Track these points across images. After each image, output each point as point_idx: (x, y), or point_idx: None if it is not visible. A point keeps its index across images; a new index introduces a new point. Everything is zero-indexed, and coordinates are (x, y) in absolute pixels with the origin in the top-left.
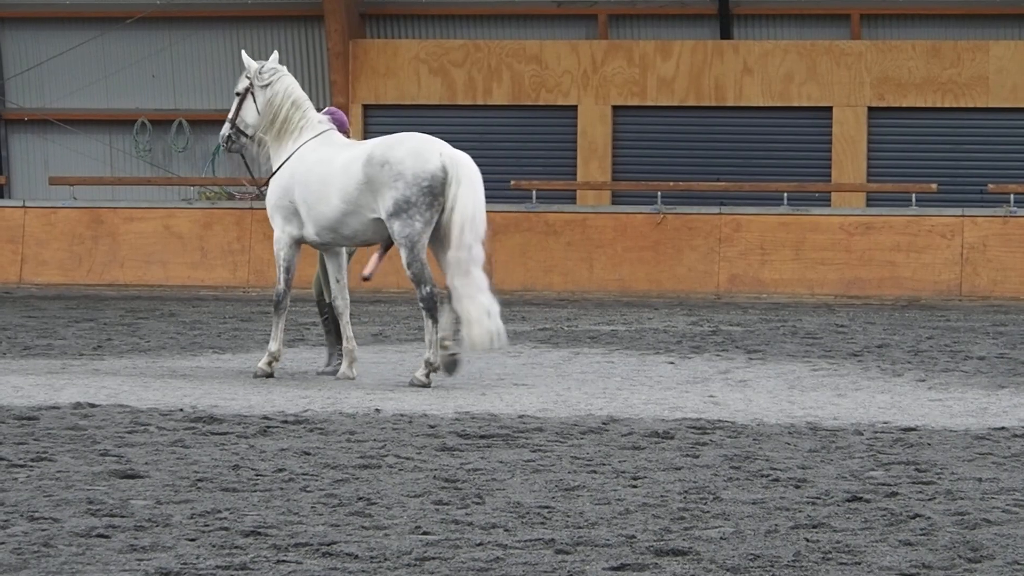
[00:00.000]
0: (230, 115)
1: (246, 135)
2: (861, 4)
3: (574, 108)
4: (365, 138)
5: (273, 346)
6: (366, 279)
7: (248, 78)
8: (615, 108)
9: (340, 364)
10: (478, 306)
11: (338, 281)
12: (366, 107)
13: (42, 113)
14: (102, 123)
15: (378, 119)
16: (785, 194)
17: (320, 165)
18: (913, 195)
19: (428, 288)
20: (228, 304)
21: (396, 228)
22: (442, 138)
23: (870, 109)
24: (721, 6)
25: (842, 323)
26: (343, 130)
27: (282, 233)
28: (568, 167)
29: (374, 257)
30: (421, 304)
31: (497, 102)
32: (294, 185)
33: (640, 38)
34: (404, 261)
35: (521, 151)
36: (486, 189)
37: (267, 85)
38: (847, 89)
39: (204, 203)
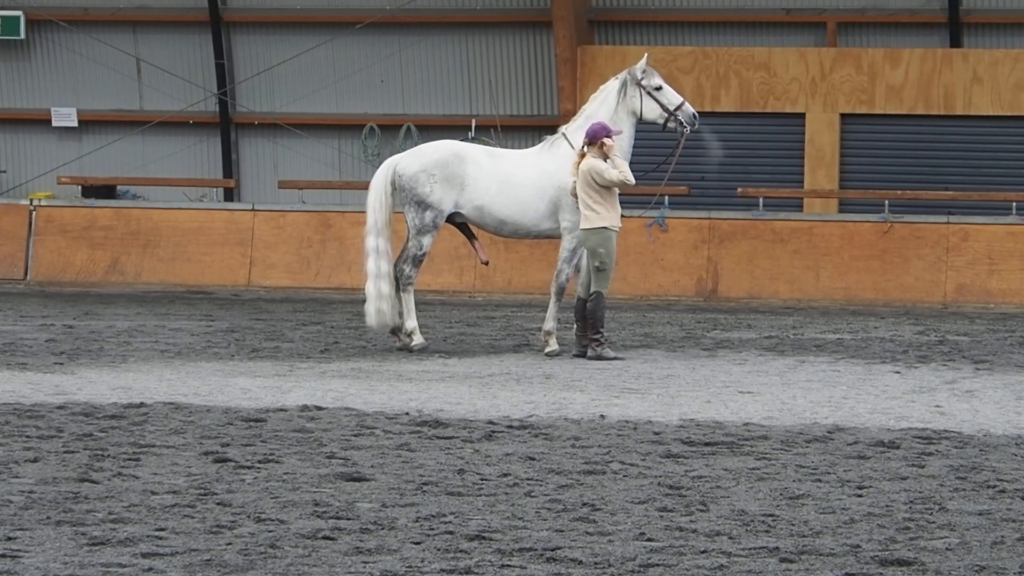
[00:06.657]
0: None
1: None
2: None
3: (802, 116)
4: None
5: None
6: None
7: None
8: (843, 116)
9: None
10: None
11: None
12: None
13: (272, 117)
14: (331, 128)
15: None
16: (1014, 204)
17: None
18: None
19: None
20: (454, 309)
21: None
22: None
23: None
24: (951, 14)
25: None
26: (602, 135)
27: None
28: (795, 175)
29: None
30: None
31: (725, 109)
32: None
33: (869, 46)
34: None
35: (748, 158)
36: (713, 196)
37: None
38: None
39: None
